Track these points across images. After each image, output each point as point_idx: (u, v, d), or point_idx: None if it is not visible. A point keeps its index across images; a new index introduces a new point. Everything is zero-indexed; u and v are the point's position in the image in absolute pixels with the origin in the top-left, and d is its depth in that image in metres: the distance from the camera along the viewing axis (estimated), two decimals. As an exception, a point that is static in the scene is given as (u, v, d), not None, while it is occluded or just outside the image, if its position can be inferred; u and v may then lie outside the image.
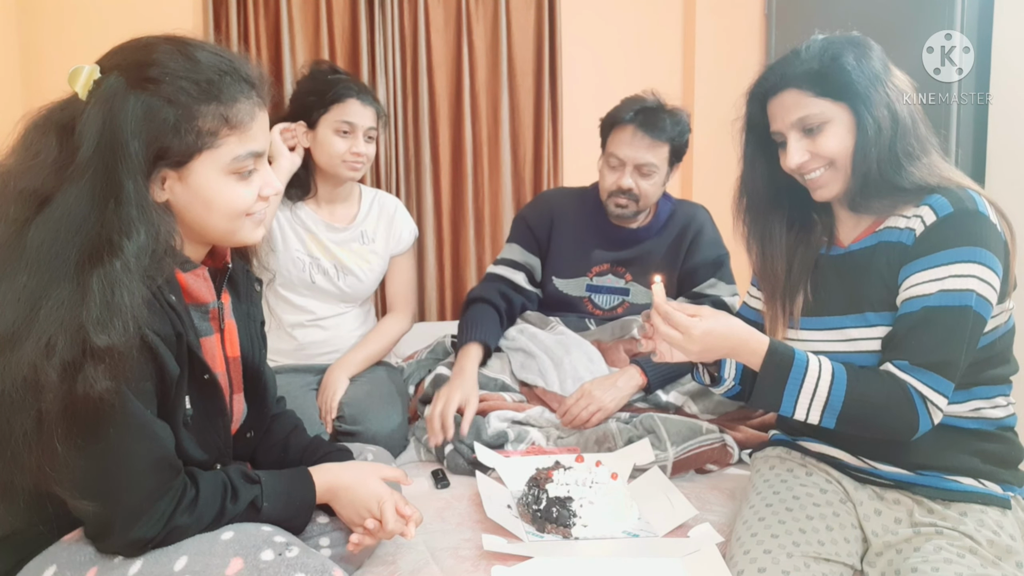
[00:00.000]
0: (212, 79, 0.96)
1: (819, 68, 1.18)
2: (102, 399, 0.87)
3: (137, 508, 0.94)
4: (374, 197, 2.07)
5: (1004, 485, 1.16)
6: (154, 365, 0.95)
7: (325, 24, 2.96)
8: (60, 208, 0.89)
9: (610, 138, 1.91)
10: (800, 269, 1.31)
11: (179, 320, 0.99)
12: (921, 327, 1.11)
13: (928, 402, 1.10)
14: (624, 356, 1.91)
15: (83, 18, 2.71)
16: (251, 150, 1.01)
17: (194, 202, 1.00)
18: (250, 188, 1.03)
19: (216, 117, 0.96)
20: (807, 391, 1.14)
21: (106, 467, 0.92)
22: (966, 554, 1.06)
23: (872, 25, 2.41)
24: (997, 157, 2.11)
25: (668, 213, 2.04)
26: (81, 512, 0.96)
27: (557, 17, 3.13)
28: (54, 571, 0.96)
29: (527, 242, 2.03)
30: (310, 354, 1.97)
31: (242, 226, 1.05)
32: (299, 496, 1.09)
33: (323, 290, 1.96)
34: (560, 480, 1.37)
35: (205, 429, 1.07)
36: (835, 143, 1.19)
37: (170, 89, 0.93)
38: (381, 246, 2.03)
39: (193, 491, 0.99)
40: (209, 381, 1.05)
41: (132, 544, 0.95)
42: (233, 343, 1.16)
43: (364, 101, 1.87)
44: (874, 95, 1.16)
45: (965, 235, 1.11)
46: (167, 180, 0.98)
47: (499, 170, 3.18)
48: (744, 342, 1.17)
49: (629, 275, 2.01)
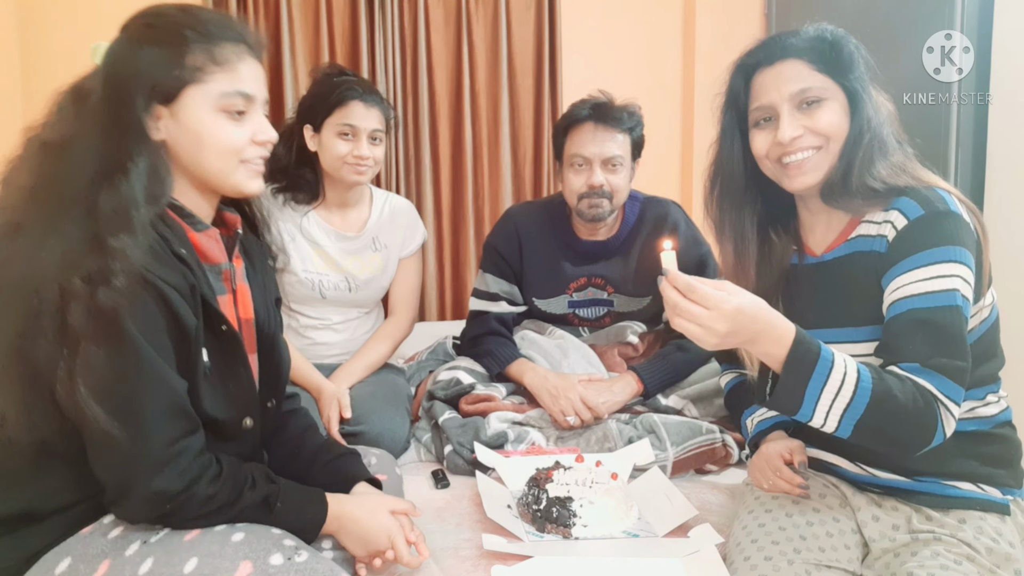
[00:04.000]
0: (202, 21, 1.05)
1: (829, 44, 1.16)
2: (118, 312, 0.92)
3: (160, 456, 0.96)
4: (385, 200, 2.04)
5: (1003, 488, 1.15)
6: (169, 316, 0.98)
7: (325, 24, 2.97)
8: (73, 146, 0.98)
9: (569, 141, 1.86)
10: (771, 274, 1.26)
11: (191, 273, 1.02)
12: (915, 329, 1.05)
13: (943, 408, 1.03)
14: (619, 360, 1.90)
15: (83, 18, 2.71)
16: (239, 89, 1.06)
17: (186, 138, 1.05)
18: (242, 129, 1.07)
19: (203, 53, 1.03)
20: (829, 392, 1.00)
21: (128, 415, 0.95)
22: (964, 561, 1.04)
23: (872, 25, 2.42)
24: (997, 157, 2.11)
25: (637, 215, 1.97)
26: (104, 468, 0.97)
27: (557, 17, 3.13)
28: (69, 563, 0.96)
29: (501, 271, 1.99)
30: (321, 354, 1.96)
31: (236, 169, 1.08)
32: (311, 511, 1.10)
33: (335, 300, 1.95)
34: (560, 480, 1.37)
35: (228, 382, 1.09)
36: (834, 119, 1.16)
37: (161, 32, 1.03)
38: (394, 252, 2.01)
39: (218, 467, 1.02)
40: (228, 333, 1.07)
41: (153, 497, 0.96)
42: (246, 305, 1.18)
43: (368, 103, 1.83)
44: (867, 85, 1.16)
45: (940, 235, 1.07)
46: (162, 119, 1.04)
47: (499, 170, 3.18)
48: (772, 326, 1.00)
49: (611, 287, 1.97)
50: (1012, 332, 1.21)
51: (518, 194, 3.22)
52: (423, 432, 1.79)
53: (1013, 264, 2.02)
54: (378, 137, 1.87)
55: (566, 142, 1.87)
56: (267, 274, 1.26)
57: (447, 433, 1.68)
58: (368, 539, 1.12)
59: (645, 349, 1.95)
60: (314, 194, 1.92)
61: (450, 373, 1.87)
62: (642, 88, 3.11)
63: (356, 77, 1.89)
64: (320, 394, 1.79)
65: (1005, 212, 2.08)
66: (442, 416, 1.74)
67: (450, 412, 1.76)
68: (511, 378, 1.87)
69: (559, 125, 1.91)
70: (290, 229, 1.89)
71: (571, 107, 1.89)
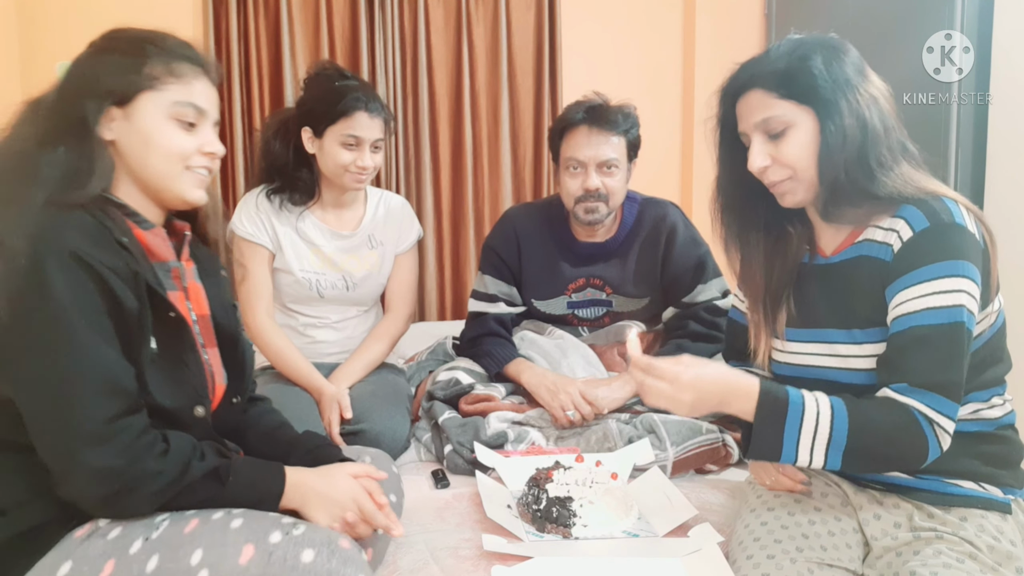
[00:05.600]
0: (164, 39, 1.12)
1: (785, 69, 1.13)
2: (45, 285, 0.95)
3: (95, 433, 0.96)
4: (380, 198, 2.04)
5: (1005, 488, 1.15)
6: (108, 297, 0.99)
7: (325, 24, 2.97)
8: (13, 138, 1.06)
9: (564, 144, 1.86)
10: (781, 277, 1.26)
11: (132, 259, 1.04)
12: (915, 347, 1.06)
13: (935, 425, 1.05)
14: (619, 359, 1.91)
15: (82, 18, 2.71)
16: (192, 101, 1.11)
17: (136, 140, 1.09)
18: (191, 138, 1.12)
19: (161, 65, 1.09)
20: (807, 431, 1.05)
21: (58, 389, 0.96)
22: (966, 559, 1.05)
23: (872, 25, 2.43)
24: (997, 157, 2.11)
25: (635, 216, 1.96)
26: (44, 446, 0.97)
27: (557, 17, 3.13)
28: (70, 567, 0.96)
29: (500, 272, 1.99)
30: (321, 352, 1.96)
31: (181, 175, 1.12)
32: (266, 484, 1.09)
33: (333, 299, 1.95)
34: (560, 480, 1.37)
35: (177, 369, 1.09)
36: (796, 151, 1.14)
37: (122, 43, 1.10)
38: (390, 248, 2.01)
39: (164, 445, 1.01)
40: (176, 320, 1.09)
41: (96, 475, 0.95)
42: (199, 302, 1.21)
43: (372, 112, 1.82)
44: (841, 101, 1.11)
45: (944, 249, 1.07)
46: (115, 121, 1.08)
47: (499, 170, 3.18)
48: (736, 385, 1.09)
49: (609, 288, 1.97)
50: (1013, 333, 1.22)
51: (518, 194, 3.22)
52: (423, 432, 1.79)
53: (1013, 264, 2.02)
54: (379, 146, 1.88)
55: (562, 145, 1.86)
56: (221, 283, 1.28)
57: (447, 433, 1.68)
58: (331, 505, 1.10)
59: (645, 349, 1.95)
60: (310, 194, 1.92)
61: (449, 373, 1.87)
62: (642, 88, 3.12)
63: (357, 81, 1.88)
64: (320, 396, 1.79)
65: (1005, 212, 2.08)
66: (442, 416, 1.74)
67: (450, 412, 1.77)
68: (509, 377, 1.87)
69: (554, 128, 1.90)
70: (286, 231, 1.89)
71: (566, 110, 1.89)
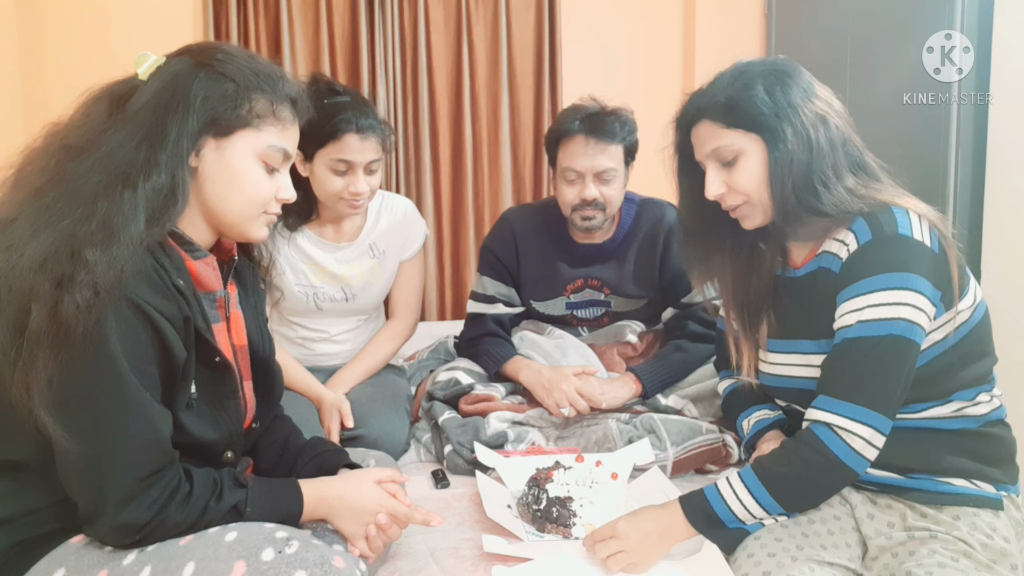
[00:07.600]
0: (270, 74, 1.08)
1: (727, 100, 1.17)
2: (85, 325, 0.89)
3: (129, 490, 0.94)
4: (381, 203, 1.94)
5: (997, 484, 1.16)
6: (160, 347, 0.97)
7: (325, 24, 2.97)
8: (99, 148, 0.97)
9: (560, 153, 1.84)
10: (758, 291, 1.29)
11: (187, 304, 1.01)
12: (843, 359, 1.11)
13: (846, 432, 1.08)
14: (618, 359, 1.90)
15: (83, 19, 2.71)
16: (285, 147, 1.10)
17: (221, 175, 1.05)
18: (272, 183, 1.10)
19: (266, 104, 1.07)
20: (738, 508, 1.14)
21: (100, 443, 0.93)
22: (960, 558, 1.06)
23: (872, 25, 2.43)
24: (997, 157, 2.11)
25: (633, 217, 1.95)
26: (74, 489, 0.96)
27: (557, 17, 3.13)
28: (63, 574, 0.96)
29: (499, 273, 1.98)
30: (323, 355, 1.94)
31: (256, 218, 1.10)
32: (285, 505, 1.09)
33: (331, 311, 1.91)
34: (560, 480, 1.37)
35: (214, 411, 1.08)
36: (747, 178, 1.17)
37: (233, 69, 1.04)
38: (393, 257, 1.94)
39: (188, 487, 1.00)
40: (221, 364, 1.07)
41: (121, 528, 0.95)
42: (239, 332, 1.18)
43: (364, 133, 1.68)
44: (786, 126, 1.13)
45: (884, 261, 1.09)
46: (205, 148, 1.04)
47: (499, 170, 3.19)
48: (663, 513, 1.18)
49: (607, 289, 1.97)
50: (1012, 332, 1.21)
51: (518, 194, 3.22)
52: (423, 432, 1.79)
53: (1012, 264, 2.02)
54: (375, 168, 1.76)
55: (558, 154, 1.85)
56: (258, 296, 1.26)
57: (447, 433, 1.68)
58: (358, 512, 1.11)
59: (644, 348, 1.95)
60: (305, 216, 1.83)
61: (449, 374, 1.87)
62: (642, 88, 3.12)
63: (348, 96, 1.72)
64: (320, 403, 1.76)
65: (1005, 212, 2.08)
66: (442, 416, 1.74)
67: (450, 412, 1.76)
68: (507, 376, 1.87)
69: (549, 136, 1.88)
70: (285, 250, 1.82)
71: (561, 116, 1.86)
